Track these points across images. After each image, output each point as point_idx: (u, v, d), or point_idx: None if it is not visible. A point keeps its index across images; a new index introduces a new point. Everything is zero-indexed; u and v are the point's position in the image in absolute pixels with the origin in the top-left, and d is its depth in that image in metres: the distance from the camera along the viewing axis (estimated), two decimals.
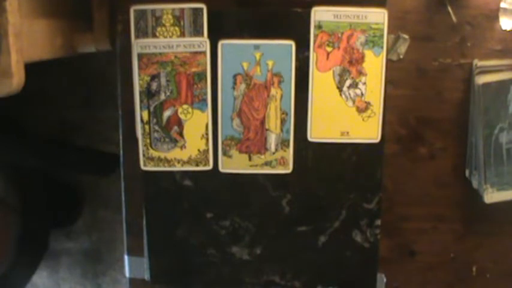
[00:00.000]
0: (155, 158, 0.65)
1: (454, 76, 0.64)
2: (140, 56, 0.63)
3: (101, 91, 1.39)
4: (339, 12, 0.61)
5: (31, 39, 0.70)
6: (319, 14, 0.61)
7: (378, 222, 0.65)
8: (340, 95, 0.63)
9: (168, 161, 0.65)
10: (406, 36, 0.63)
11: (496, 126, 0.63)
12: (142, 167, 0.65)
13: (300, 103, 0.63)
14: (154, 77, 0.63)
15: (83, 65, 1.37)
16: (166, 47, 0.62)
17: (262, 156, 0.64)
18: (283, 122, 0.64)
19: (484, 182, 0.63)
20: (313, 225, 0.66)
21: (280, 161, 0.64)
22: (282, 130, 0.64)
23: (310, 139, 0.64)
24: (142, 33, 0.62)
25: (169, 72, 0.63)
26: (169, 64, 0.63)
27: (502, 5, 0.62)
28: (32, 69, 0.66)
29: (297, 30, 0.62)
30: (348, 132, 0.63)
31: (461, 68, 0.64)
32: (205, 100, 0.63)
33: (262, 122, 0.64)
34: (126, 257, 0.69)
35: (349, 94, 0.62)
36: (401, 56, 0.63)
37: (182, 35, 0.62)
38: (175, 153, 0.64)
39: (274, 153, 0.64)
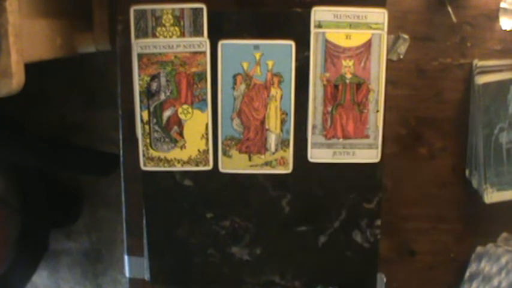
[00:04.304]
0: (155, 158, 0.65)
1: (454, 76, 0.64)
2: (140, 56, 0.63)
3: (101, 91, 1.39)
4: (339, 12, 0.61)
5: (31, 39, 0.70)
6: (319, 14, 0.61)
7: (378, 222, 0.65)
8: None
9: (168, 161, 0.65)
10: (406, 36, 0.63)
11: (496, 126, 0.63)
12: (142, 167, 0.65)
13: (300, 103, 0.63)
14: (154, 77, 0.63)
15: (83, 65, 1.37)
16: (166, 47, 0.62)
17: (262, 156, 0.64)
18: (283, 122, 0.64)
19: (484, 182, 0.63)
20: (313, 225, 0.66)
21: (280, 161, 0.64)
22: (282, 130, 0.64)
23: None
24: (142, 33, 0.62)
25: (169, 72, 0.63)
26: (169, 64, 0.63)
27: (502, 5, 0.62)
28: (32, 69, 0.66)
29: (297, 30, 0.62)
30: None
31: (461, 68, 0.64)
32: (205, 100, 0.63)
33: (262, 122, 0.64)
34: (126, 257, 0.69)
35: None
36: (401, 56, 0.63)
37: (182, 35, 0.62)
38: (175, 153, 0.64)
39: (274, 153, 0.64)
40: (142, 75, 0.63)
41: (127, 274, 0.70)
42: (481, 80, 0.62)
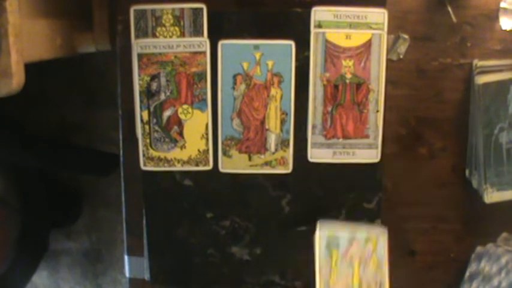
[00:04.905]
0: (155, 158, 0.65)
1: (454, 76, 0.64)
2: (140, 56, 0.63)
3: (101, 91, 1.39)
4: (339, 12, 0.61)
5: (31, 39, 0.70)
6: (319, 14, 0.61)
7: (378, 222, 0.65)
8: None
9: (168, 161, 0.65)
10: (406, 36, 0.63)
11: (496, 126, 0.63)
12: (142, 167, 0.65)
13: (300, 103, 0.63)
14: (154, 77, 0.63)
15: (83, 65, 1.37)
16: (166, 47, 0.62)
17: (262, 156, 0.64)
18: (283, 122, 0.64)
19: (484, 182, 0.63)
20: (313, 225, 0.66)
21: (280, 161, 0.64)
22: (282, 130, 0.64)
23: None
24: (142, 33, 0.62)
25: (169, 72, 0.63)
26: (169, 64, 0.63)
27: (502, 5, 0.62)
28: (32, 69, 0.66)
29: (297, 30, 0.62)
30: None
31: (461, 68, 0.64)
32: (205, 100, 0.63)
33: (262, 122, 0.64)
34: (126, 257, 0.69)
35: None
36: (401, 56, 0.63)
37: (182, 35, 0.62)
38: (175, 153, 0.64)
39: (274, 153, 0.64)
40: (142, 75, 0.63)
41: (127, 274, 0.70)
42: (481, 80, 0.62)
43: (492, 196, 0.64)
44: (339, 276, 0.58)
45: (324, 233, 0.58)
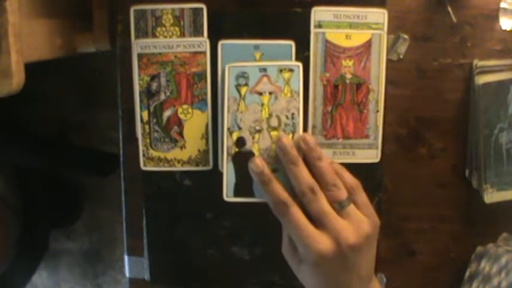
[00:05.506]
0: (155, 158, 0.65)
1: (454, 76, 0.64)
2: (140, 56, 0.63)
3: (101, 91, 1.40)
4: (339, 12, 0.61)
5: (31, 39, 0.70)
6: (319, 14, 0.61)
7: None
8: None
9: (168, 161, 0.65)
10: (406, 36, 0.63)
11: (496, 126, 0.63)
12: (142, 167, 0.65)
13: None
14: (154, 77, 0.63)
15: (83, 65, 1.37)
16: (166, 47, 0.62)
17: None
18: None
19: (484, 182, 0.63)
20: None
21: None
22: None
23: None
24: (142, 33, 0.62)
25: (169, 72, 0.63)
26: (169, 64, 0.63)
27: (502, 5, 0.62)
28: (32, 69, 0.66)
29: (297, 30, 0.62)
30: None
31: (461, 68, 0.64)
32: (205, 100, 0.63)
33: None
34: (126, 257, 0.69)
35: None
36: (401, 56, 0.63)
37: (182, 35, 0.62)
38: (175, 153, 0.64)
39: None
40: (142, 75, 0.63)
41: (127, 274, 0.70)
42: (481, 80, 0.62)
43: (492, 196, 0.64)
44: (248, 111, 0.58)
45: (232, 69, 0.58)
